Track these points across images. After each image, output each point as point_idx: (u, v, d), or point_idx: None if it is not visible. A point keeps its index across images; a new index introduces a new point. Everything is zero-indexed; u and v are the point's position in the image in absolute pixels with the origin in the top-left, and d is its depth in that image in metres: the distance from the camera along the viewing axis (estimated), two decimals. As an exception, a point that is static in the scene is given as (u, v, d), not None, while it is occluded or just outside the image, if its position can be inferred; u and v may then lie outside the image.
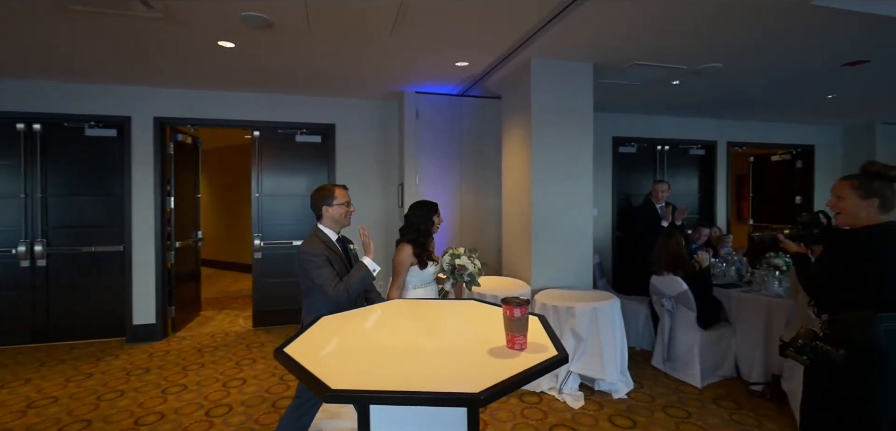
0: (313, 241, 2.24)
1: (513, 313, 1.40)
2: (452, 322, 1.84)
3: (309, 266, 2.14)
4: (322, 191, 2.34)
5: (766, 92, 5.00)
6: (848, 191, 1.92)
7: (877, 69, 4.13)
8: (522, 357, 1.35)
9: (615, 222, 6.07)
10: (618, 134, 6.09)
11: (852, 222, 1.93)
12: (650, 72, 4.03)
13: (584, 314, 3.13)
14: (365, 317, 1.89)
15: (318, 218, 2.33)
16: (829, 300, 1.93)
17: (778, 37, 3.29)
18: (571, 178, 3.84)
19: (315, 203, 2.33)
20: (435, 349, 1.49)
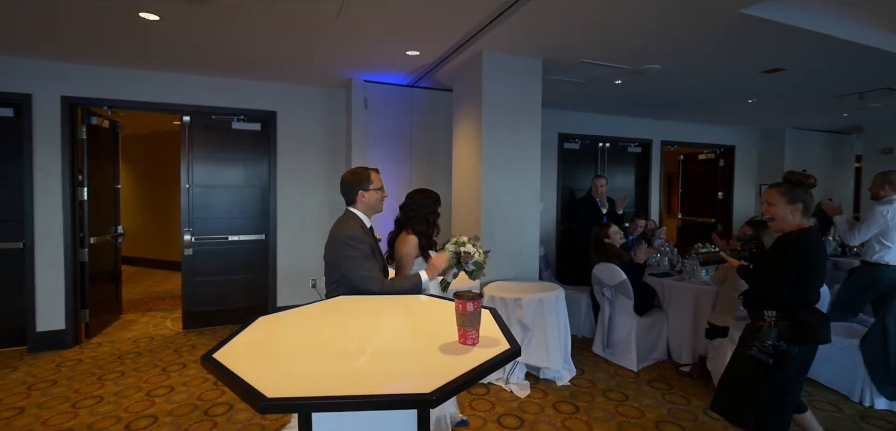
0: (352, 225, 2.01)
1: (465, 307, 1.37)
2: (402, 319, 1.77)
3: (351, 253, 1.90)
4: (357, 174, 2.12)
5: (696, 94, 5.37)
6: (777, 198, 2.11)
7: (789, 77, 4.56)
8: (475, 352, 1.32)
9: (559, 215, 6.28)
10: (563, 130, 6.29)
11: (782, 227, 2.11)
12: (596, 70, 4.17)
13: (530, 306, 3.19)
14: (307, 316, 1.76)
15: (351, 203, 2.12)
16: (780, 300, 2.05)
17: (709, 41, 3.51)
18: (520, 172, 3.89)
19: (349, 187, 2.11)
20: (384, 347, 1.42)
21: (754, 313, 2.18)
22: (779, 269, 2.02)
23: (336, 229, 2.04)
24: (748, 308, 2.27)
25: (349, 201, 2.12)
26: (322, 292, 5.01)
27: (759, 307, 2.10)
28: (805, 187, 2.10)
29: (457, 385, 1.11)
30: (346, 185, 2.12)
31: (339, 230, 2.00)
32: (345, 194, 2.12)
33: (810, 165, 8.21)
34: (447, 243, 2.73)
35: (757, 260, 2.27)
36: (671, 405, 3.03)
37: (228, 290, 4.82)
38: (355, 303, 1.90)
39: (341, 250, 1.94)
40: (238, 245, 4.85)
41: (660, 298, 3.90)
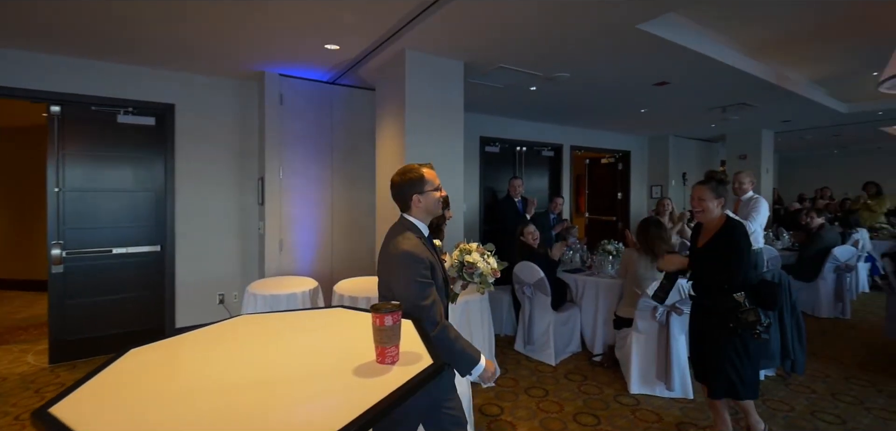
0: (409, 238, 1.68)
1: (383, 321, 1.24)
2: (314, 337, 1.57)
3: (413, 275, 1.60)
4: (407, 175, 1.78)
5: (599, 103, 5.87)
6: (707, 194, 2.41)
7: (673, 90, 5.18)
8: (395, 373, 1.20)
9: (483, 215, 6.46)
10: (484, 134, 6.49)
11: (709, 219, 2.42)
12: (513, 76, 4.35)
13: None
14: (197, 342, 1.49)
15: (405, 209, 1.80)
16: (724, 282, 2.32)
17: (611, 53, 3.84)
18: (443, 174, 3.89)
19: (400, 191, 1.78)
20: (288, 375, 1.23)
21: (717, 299, 2.37)
22: (738, 254, 2.30)
23: (390, 240, 1.73)
24: (706, 296, 2.46)
25: (403, 206, 1.80)
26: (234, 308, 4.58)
27: (720, 291, 2.33)
28: (724, 184, 2.45)
29: (370, 417, 0.97)
30: (396, 188, 1.79)
31: (394, 244, 1.68)
32: (397, 199, 1.81)
33: (688, 168, 9.47)
34: (454, 251, 2.50)
35: (702, 252, 2.49)
36: (586, 395, 3.25)
37: (113, 312, 4.16)
38: (261, 323, 1.68)
39: (393, 269, 1.65)
40: (125, 259, 4.21)
41: (572, 292, 4.18)
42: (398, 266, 1.63)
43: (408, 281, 1.60)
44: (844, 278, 5.10)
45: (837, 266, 5.09)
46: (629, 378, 3.28)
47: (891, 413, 2.93)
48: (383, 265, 1.74)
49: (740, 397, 2.40)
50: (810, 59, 4.93)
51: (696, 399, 3.09)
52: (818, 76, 5.56)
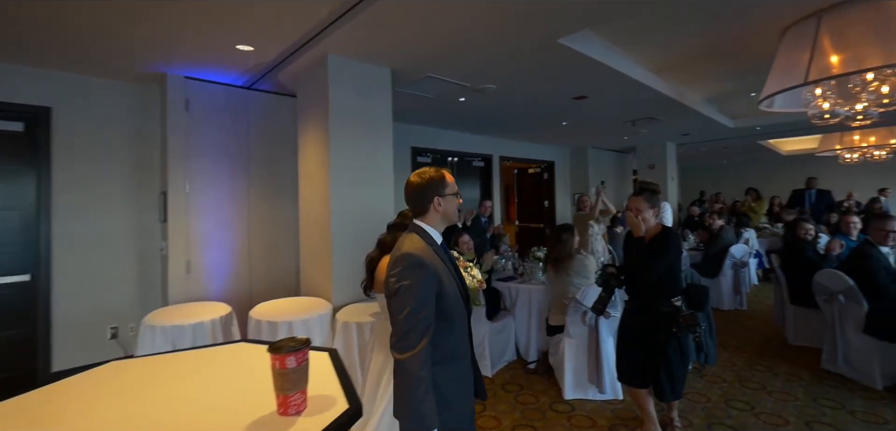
0: (414, 240, 1.50)
1: (284, 364, 1.03)
2: (208, 382, 1.34)
3: (402, 279, 1.39)
4: (427, 176, 1.60)
5: (525, 115, 6.05)
6: (643, 204, 2.51)
7: (591, 104, 5.48)
8: (299, 425, 1.03)
9: (413, 228, 6.34)
10: (416, 144, 6.39)
11: (647, 228, 2.51)
12: (442, 86, 4.31)
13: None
14: (68, 392, 1.23)
15: (421, 215, 1.60)
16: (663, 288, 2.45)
17: (535, 66, 3.95)
18: (373, 185, 3.73)
19: (420, 194, 1.58)
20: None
21: (656, 304, 2.47)
22: (676, 259, 2.47)
23: (397, 245, 1.56)
24: (643, 301, 2.53)
25: (419, 211, 1.61)
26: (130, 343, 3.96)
27: (659, 296, 2.45)
28: (658, 194, 2.56)
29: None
30: (416, 190, 1.61)
31: (397, 246, 1.53)
32: (414, 203, 1.62)
33: (605, 177, 10.17)
34: None
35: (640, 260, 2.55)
36: (523, 406, 3.23)
37: (-34, 355, 3.40)
38: (147, 366, 1.41)
39: (390, 270, 1.45)
40: (-18, 291, 3.48)
41: (506, 301, 4.18)
42: (391, 266, 1.45)
43: (395, 285, 1.40)
44: (740, 273, 5.69)
45: (734, 263, 5.68)
46: (563, 384, 3.32)
47: (787, 394, 3.25)
48: (386, 275, 1.55)
49: (679, 396, 2.53)
50: (703, 79, 5.50)
51: (625, 399, 3.20)
52: (710, 95, 6.23)
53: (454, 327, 1.51)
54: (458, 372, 1.52)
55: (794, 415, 2.95)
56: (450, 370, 1.48)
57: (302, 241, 3.98)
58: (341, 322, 3.12)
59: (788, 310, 4.31)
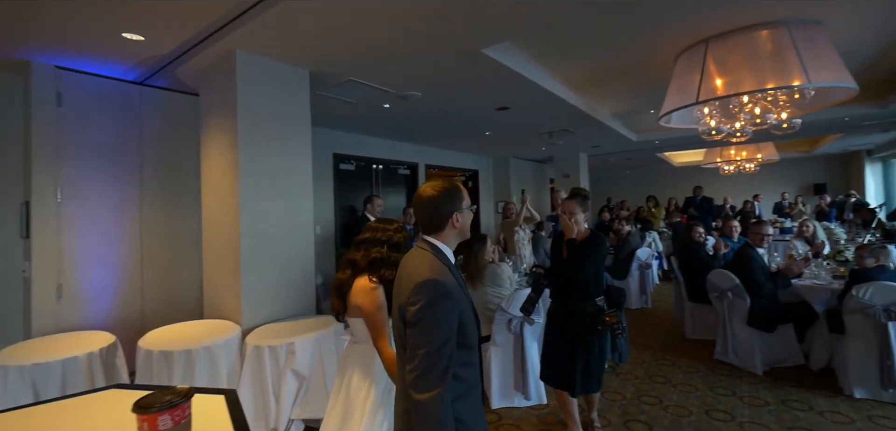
0: (438, 265, 1.33)
1: (155, 425, 0.85)
2: None
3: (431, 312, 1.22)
4: (447, 188, 1.44)
5: (450, 124, 6.08)
6: (577, 208, 2.63)
7: (513, 115, 5.65)
8: None
9: (339, 237, 6.02)
10: (338, 151, 6.11)
11: (579, 231, 2.61)
12: (365, 91, 4.14)
13: (305, 349, 2.79)
14: None
15: (436, 231, 1.43)
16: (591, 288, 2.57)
17: (459, 75, 3.94)
18: (289, 194, 3.44)
19: (439, 208, 1.40)
20: None
21: (583, 304, 2.57)
22: (602, 261, 2.60)
23: (408, 265, 1.38)
24: (571, 302, 2.61)
25: (433, 227, 1.42)
26: None
27: (586, 296, 2.56)
28: (588, 200, 2.73)
29: None
30: (432, 205, 1.41)
31: (414, 269, 1.32)
32: (429, 218, 1.42)
33: (526, 185, 10.62)
34: None
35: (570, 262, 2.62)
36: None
37: None
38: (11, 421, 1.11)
39: (417, 299, 1.25)
40: None
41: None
42: (414, 294, 1.26)
43: (417, 315, 1.23)
44: (646, 274, 6.22)
45: (640, 265, 6.18)
46: (490, 394, 3.31)
47: (689, 386, 3.56)
48: (397, 298, 1.37)
49: (598, 389, 2.64)
50: (612, 96, 5.96)
51: (549, 403, 3.27)
52: (617, 110, 6.78)
53: (473, 355, 1.38)
54: (476, 403, 1.40)
55: (696, 406, 3.23)
56: (468, 401, 1.35)
57: (205, 256, 3.56)
58: (252, 346, 2.82)
59: (686, 307, 4.77)
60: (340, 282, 1.91)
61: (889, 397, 3.20)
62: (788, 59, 3.65)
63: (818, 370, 3.73)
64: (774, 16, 3.63)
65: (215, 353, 2.78)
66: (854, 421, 2.99)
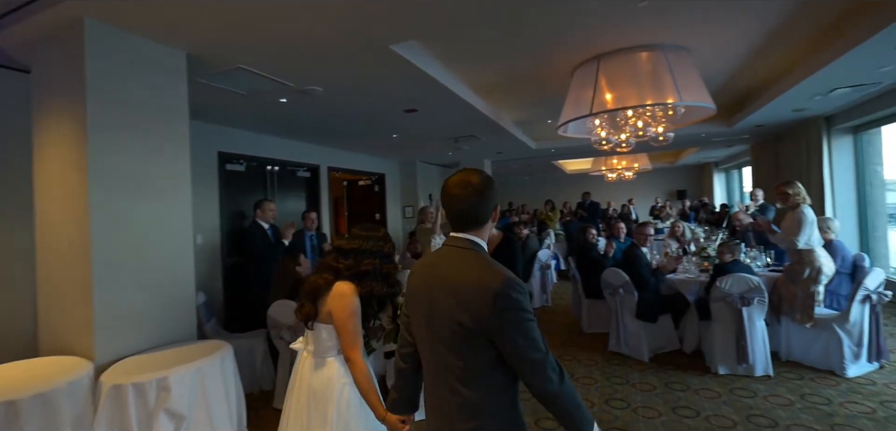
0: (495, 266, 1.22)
1: None
2: None
3: (524, 315, 1.15)
4: (491, 179, 1.28)
5: (355, 124, 5.76)
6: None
7: (421, 118, 5.55)
8: None
9: (225, 247, 5.30)
10: (225, 149, 5.38)
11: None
12: (258, 82, 3.67)
13: (182, 383, 2.31)
14: None
15: (478, 226, 1.28)
16: None
17: (365, 71, 3.69)
18: (160, 197, 2.87)
19: (485, 199, 1.26)
20: None
21: None
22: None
23: (456, 269, 1.25)
24: None
25: (474, 223, 1.30)
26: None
27: None
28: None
29: None
30: (479, 194, 1.28)
31: (477, 272, 1.21)
32: (474, 210, 1.28)
33: (433, 190, 10.67)
34: None
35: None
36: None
37: None
38: None
39: (510, 310, 1.15)
40: None
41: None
42: (505, 299, 1.14)
43: (518, 323, 1.15)
44: (546, 273, 6.58)
45: (541, 265, 6.52)
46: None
47: (590, 378, 3.78)
48: (448, 311, 1.21)
49: None
50: (514, 104, 6.21)
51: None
52: (519, 119, 7.10)
53: None
54: None
55: (597, 397, 3.42)
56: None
57: (40, 275, 2.80)
58: (109, 386, 2.26)
59: (584, 303, 5.11)
60: (316, 287, 1.79)
61: (743, 371, 3.73)
62: (664, 79, 4.10)
63: (690, 352, 4.25)
64: (653, 40, 4.04)
65: (54, 401, 2.16)
66: (720, 395, 3.43)
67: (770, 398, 3.34)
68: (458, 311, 1.20)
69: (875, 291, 3.65)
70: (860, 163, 6.81)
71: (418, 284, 1.34)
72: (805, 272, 3.73)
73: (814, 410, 3.13)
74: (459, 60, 4.22)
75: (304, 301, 1.81)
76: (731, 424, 3.01)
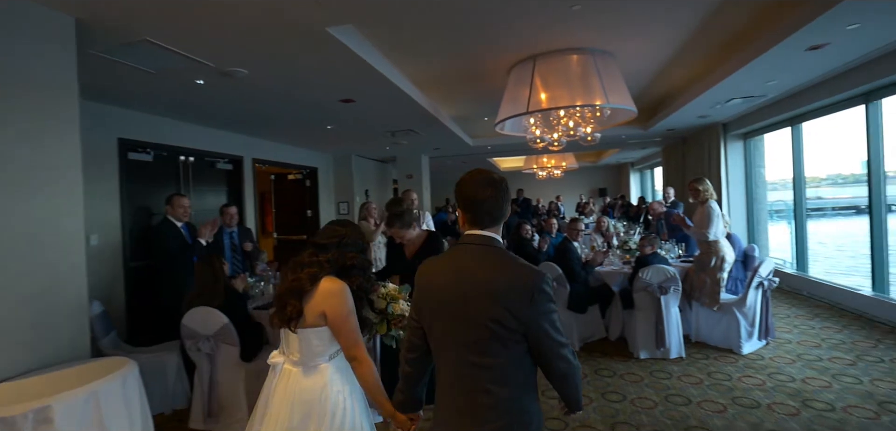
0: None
1: None
2: None
3: (553, 309, 1.23)
4: (499, 177, 1.31)
5: (285, 113, 5.38)
6: (400, 230, 2.80)
7: (358, 109, 5.32)
8: None
9: (129, 250, 4.66)
10: (128, 136, 4.72)
11: (409, 238, 2.70)
12: (169, 59, 3.24)
13: (70, 412, 1.93)
14: None
15: (495, 224, 1.31)
16: None
17: (298, 54, 3.41)
18: (41, 190, 2.40)
19: (502, 197, 1.30)
20: None
21: None
22: None
23: (507, 269, 1.24)
24: None
25: (492, 221, 1.30)
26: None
27: None
28: (406, 214, 2.89)
29: None
30: (499, 192, 1.29)
31: (506, 269, 1.24)
32: (496, 207, 1.29)
33: (369, 185, 10.38)
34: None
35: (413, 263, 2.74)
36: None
37: None
38: None
39: (542, 302, 1.19)
40: None
41: (269, 332, 3.49)
42: (538, 291, 1.20)
43: (549, 314, 1.22)
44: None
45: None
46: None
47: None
48: (491, 307, 1.21)
49: None
50: (452, 100, 6.20)
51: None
52: (457, 115, 7.12)
53: None
54: None
55: (533, 389, 3.51)
56: None
57: None
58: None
59: (518, 297, 5.24)
60: (299, 287, 1.61)
61: (661, 354, 4.05)
62: (593, 82, 4.30)
63: (615, 339, 4.53)
64: (584, 44, 4.22)
65: None
66: (643, 378, 3.68)
67: (683, 378, 3.65)
68: (494, 309, 1.21)
69: (766, 278, 4.14)
70: (748, 165, 7.76)
71: (440, 285, 1.31)
72: (712, 260, 4.13)
73: (718, 386, 3.47)
74: (399, 52, 4.09)
75: (290, 299, 1.61)
76: (652, 405, 3.23)
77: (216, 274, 3.07)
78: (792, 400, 3.19)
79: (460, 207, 1.34)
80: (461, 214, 1.34)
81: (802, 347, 4.20)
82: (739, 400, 3.22)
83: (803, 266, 6.49)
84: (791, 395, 3.26)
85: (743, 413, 3.04)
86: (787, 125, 6.46)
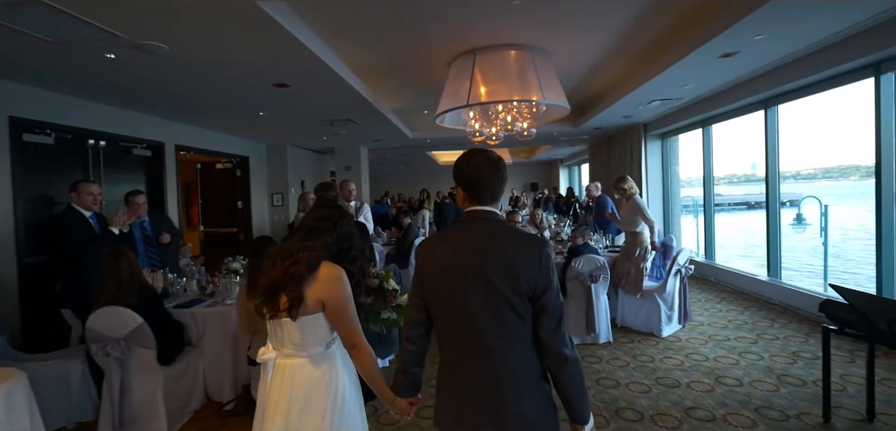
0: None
1: None
2: None
3: (555, 271, 1.31)
4: (498, 155, 1.41)
5: (213, 96, 4.98)
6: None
7: (293, 95, 5.05)
8: None
9: (23, 244, 4.08)
10: (22, 114, 4.11)
11: None
12: (69, 26, 2.85)
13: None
14: None
15: (495, 201, 1.38)
16: None
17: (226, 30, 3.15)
18: None
19: (503, 175, 1.38)
20: None
21: None
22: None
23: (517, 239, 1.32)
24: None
25: (496, 196, 1.38)
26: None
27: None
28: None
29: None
30: (501, 170, 1.38)
31: (515, 240, 1.31)
32: (499, 185, 1.37)
33: (305, 176, 9.96)
34: None
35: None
36: (218, 459, 2.52)
37: None
38: None
39: (549, 266, 1.28)
40: None
41: (190, 332, 3.23)
42: (542, 260, 1.26)
43: (554, 279, 1.28)
44: (423, 262, 6.67)
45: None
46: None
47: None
48: (510, 277, 1.25)
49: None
50: (393, 91, 6.11)
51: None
52: (397, 107, 7.02)
53: None
54: None
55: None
56: None
57: None
58: None
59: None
60: (294, 273, 1.50)
61: (591, 339, 4.30)
62: (530, 78, 4.44)
63: (550, 327, 4.73)
64: (522, 40, 4.34)
65: None
66: (575, 364, 3.88)
67: (612, 361, 3.91)
68: (512, 278, 1.25)
69: (684, 265, 4.54)
70: (665, 163, 8.47)
71: (452, 262, 1.31)
72: (636, 251, 4.45)
73: (643, 368, 3.75)
74: (339, 37, 3.94)
75: (288, 287, 1.49)
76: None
77: (131, 268, 2.78)
78: (707, 378, 3.51)
79: (460, 186, 1.37)
80: (460, 192, 1.38)
81: (713, 328, 4.67)
82: (662, 380, 3.50)
83: (711, 255, 7.22)
84: (706, 373, 3.59)
85: (665, 393, 3.30)
86: (700, 127, 7.12)
